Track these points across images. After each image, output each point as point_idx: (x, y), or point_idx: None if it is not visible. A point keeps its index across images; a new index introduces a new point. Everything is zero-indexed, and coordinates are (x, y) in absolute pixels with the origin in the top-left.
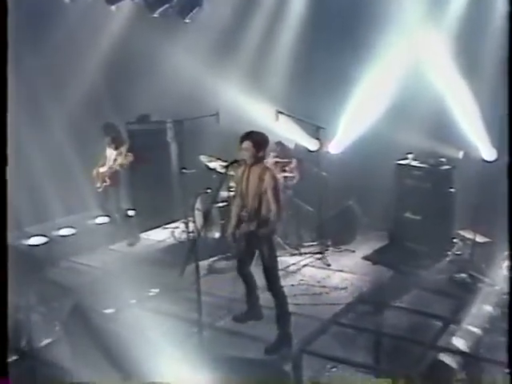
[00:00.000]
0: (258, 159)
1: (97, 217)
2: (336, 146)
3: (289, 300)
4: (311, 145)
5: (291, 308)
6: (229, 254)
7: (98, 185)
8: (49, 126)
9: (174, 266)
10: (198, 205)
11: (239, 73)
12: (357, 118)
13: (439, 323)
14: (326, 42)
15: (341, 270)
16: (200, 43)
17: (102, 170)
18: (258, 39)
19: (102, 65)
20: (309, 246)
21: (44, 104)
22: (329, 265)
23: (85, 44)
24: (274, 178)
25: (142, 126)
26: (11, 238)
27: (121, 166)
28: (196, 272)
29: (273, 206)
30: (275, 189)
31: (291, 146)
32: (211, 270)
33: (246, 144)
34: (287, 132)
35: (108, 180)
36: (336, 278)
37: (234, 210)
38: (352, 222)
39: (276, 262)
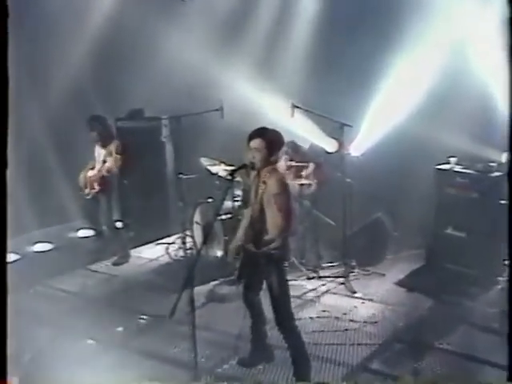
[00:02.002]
0: (269, 163)
1: (79, 229)
2: (358, 146)
3: (306, 338)
4: (329, 145)
5: (310, 349)
6: (233, 277)
7: (86, 191)
8: (25, 121)
9: (168, 291)
10: (197, 217)
11: (247, 61)
12: (383, 114)
13: (495, 371)
14: (348, 26)
15: (370, 299)
16: (202, 26)
17: (90, 173)
18: (270, 22)
19: (88, 52)
20: (329, 268)
21: (20, 98)
22: (354, 292)
23: (68, 27)
24: (280, 181)
25: (133, 123)
26: None
27: (108, 171)
28: (190, 302)
29: (278, 219)
30: (281, 195)
31: (305, 146)
32: (212, 298)
33: (257, 143)
34: (303, 130)
35: (97, 186)
36: (364, 309)
37: (243, 223)
38: (381, 238)
39: (286, 291)
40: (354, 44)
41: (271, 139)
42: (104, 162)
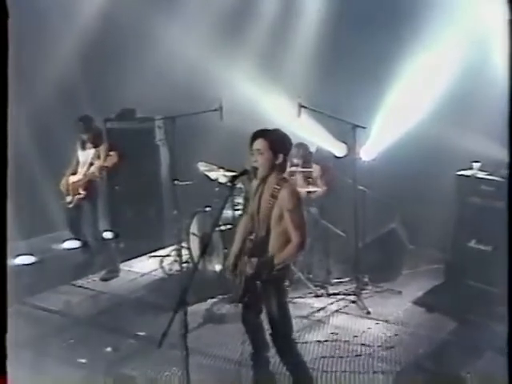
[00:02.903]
0: (275, 167)
1: (65, 240)
2: (369, 150)
3: (313, 364)
4: (338, 149)
5: (317, 377)
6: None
7: (69, 198)
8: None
9: (161, 310)
10: (193, 227)
11: (249, 58)
12: (397, 115)
13: None
14: (359, 22)
15: (385, 320)
16: (200, 20)
17: (73, 178)
18: (275, 17)
19: (75, 48)
20: (339, 284)
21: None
22: (368, 312)
23: (55, 22)
24: (295, 195)
25: (124, 124)
26: None
27: (100, 170)
28: (183, 326)
29: (295, 238)
30: (296, 211)
31: (312, 149)
32: (210, 318)
33: (260, 144)
34: (310, 132)
35: (82, 191)
36: (379, 332)
37: (239, 233)
38: (396, 251)
39: (286, 315)
40: (364, 42)
41: (275, 139)
42: (91, 165)
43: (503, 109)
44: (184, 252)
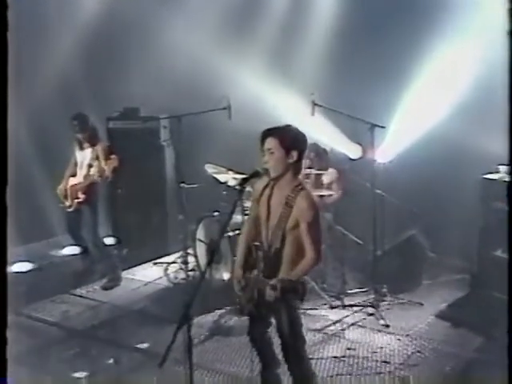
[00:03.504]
0: (289, 167)
1: (64, 246)
2: (385, 152)
3: (330, 382)
4: (352, 151)
5: None
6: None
7: (68, 202)
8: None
9: (165, 322)
10: (200, 233)
11: (258, 54)
12: (416, 114)
13: None
14: (375, 16)
15: (406, 335)
16: (207, 13)
17: (72, 181)
18: (286, 10)
19: (76, 43)
20: (356, 295)
21: None
22: (387, 325)
23: (55, 17)
24: (314, 206)
25: (128, 124)
26: None
27: (100, 174)
28: (187, 339)
29: (310, 252)
30: (315, 224)
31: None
32: (217, 330)
33: (270, 143)
34: (324, 133)
35: (81, 195)
36: (400, 348)
37: (242, 241)
38: (416, 259)
39: (298, 329)
40: (381, 37)
41: (287, 136)
42: (90, 166)
43: None
44: (190, 259)
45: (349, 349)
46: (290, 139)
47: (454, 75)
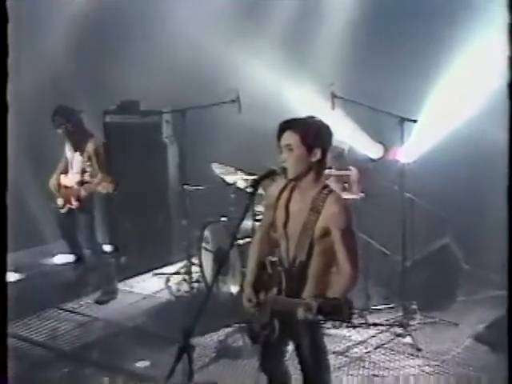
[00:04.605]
0: (311, 168)
1: (55, 254)
2: (410, 151)
3: None
4: (373, 150)
5: None
6: (253, 324)
7: (60, 202)
8: None
9: (166, 342)
10: (206, 240)
11: (270, 41)
12: (445, 109)
13: None
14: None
15: (442, 361)
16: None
17: (65, 181)
18: None
19: (68, 30)
20: (382, 312)
21: None
22: (419, 349)
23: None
24: (347, 210)
25: (126, 118)
26: None
27: (88, 192)
28: (189, 367)
29: (346, 268)
30: (349, 232)
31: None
32: (224, 352)
33: (289, 138)
34: (344, 129)
35: (75, 202)
36: (434, 375)
37: (253, 253)
38: (449, 273)
39: (325, 364)
40: (406, 22)
41: (309, 130)
42: (83, 171)
43: None
44: (194, 269)
45: (375, 375)
46: (312, 134)
47: (485, 70)
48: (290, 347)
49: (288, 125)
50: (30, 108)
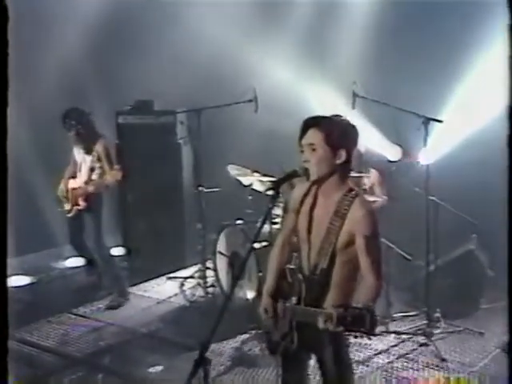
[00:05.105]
0: (335, 170)
1: (67, 257)
2: (429, 152)
3: None
4: (391, 152)
5: None
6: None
7: (67, 206)
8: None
9: (180, 348)
10: (221, 244)
11: (289, 40)
12: (463, 113)
13: None
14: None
15: (468, 372)
16: None
17: (72, 184)
18: None
19: (84, 28)
20: (404, 319)
21: None
22: (443, 359)
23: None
24: (372, 216)
25: (140, 119)
26: None
27: (96, 187)
28: (204, 380)
29: (370, 277)
30: (374, 239)
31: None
32: (239, 360)
33: (313, 136)
34: (363, 130)
35: (82, 202)
36: None
37: (273, 260)
38: (474, 279)
39: (349, 378)
40: (429, 23)
41: (335, 131)
42: (92, 170)
43: None
44: (209, 274)
45: None
46: (338, 134)
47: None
48: (312, 361)
49: (313, 122)
50: (43, 110)
